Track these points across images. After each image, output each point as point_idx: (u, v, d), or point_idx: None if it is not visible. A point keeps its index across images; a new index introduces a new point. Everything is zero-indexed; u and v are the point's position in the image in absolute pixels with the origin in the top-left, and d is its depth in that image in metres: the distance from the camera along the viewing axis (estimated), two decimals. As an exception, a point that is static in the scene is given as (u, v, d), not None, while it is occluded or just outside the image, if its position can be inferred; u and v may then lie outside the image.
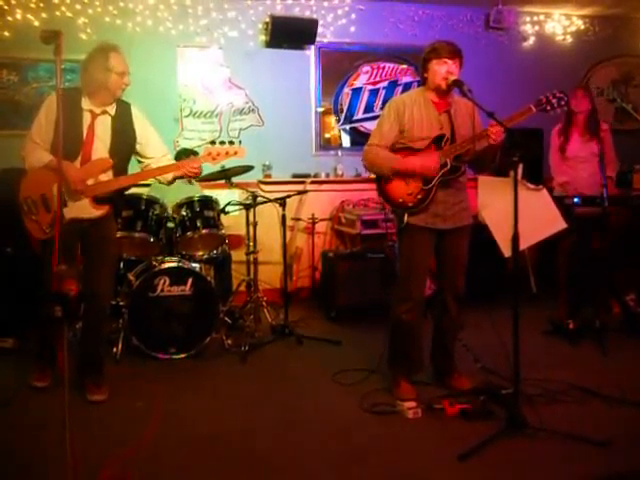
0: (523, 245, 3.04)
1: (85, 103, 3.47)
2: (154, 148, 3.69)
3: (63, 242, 3.40)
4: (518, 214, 2.99)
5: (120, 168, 3.51)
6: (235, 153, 3.55)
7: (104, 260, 3.60)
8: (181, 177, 3.65)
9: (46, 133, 3.43)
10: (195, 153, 4.86)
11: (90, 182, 3.40)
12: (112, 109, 3.53)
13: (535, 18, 6.87)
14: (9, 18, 5.49)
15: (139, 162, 3.74)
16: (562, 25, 6.93)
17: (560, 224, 3.29)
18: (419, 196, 3.41)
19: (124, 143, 3.56)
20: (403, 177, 3.42)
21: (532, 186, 3.27)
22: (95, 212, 3.45)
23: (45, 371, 3.70)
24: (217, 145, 3.52)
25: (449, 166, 3.40)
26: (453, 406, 3.30)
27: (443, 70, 3.37)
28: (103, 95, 3.48)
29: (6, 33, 5.49)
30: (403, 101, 3.54)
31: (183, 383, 3.86)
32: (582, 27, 6.98)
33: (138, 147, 3.65)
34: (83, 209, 3.41)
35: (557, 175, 4.98)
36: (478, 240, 3.64)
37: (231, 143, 3.58)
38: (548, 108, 3.33)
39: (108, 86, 3.44)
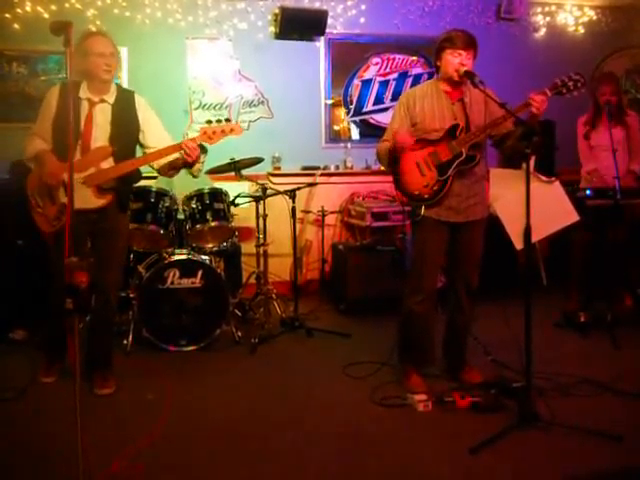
0: (535, 238, 3.02)
1: (83, 92, 3.43)
2: (156, 137, 3.60)
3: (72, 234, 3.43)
4: (530, 206, 2.96)
5: (122, 156, 3.44)
6: (231, 130, 3.43)
7: (112, 253, 3.57)
8: (179, 167, 3.60)
9: (46, 125, 3.43)
10: (204, 147, 4.85)
11: (91, 171, 3.36)
12: (111, 97, 3.48)
13: (547, 9, 6.81)
14: (19, 10, 5.48)
15: (144, 153, 3.69)
16: (574, 16, 6.87)
17: (573, 217, 3.28)
18: (435, 187, 3.38)
19: (125, 131, 3.50)
20: (419, 168, 3.40)
21: (545, 178, 3.24)
22: (98, 202, 3.39)
23: (53, 366, 3.71)
24: (213, 124, 3.41)
25: (464, 156, 3.36)
26: (464, 399, 3.29)
27: (456, 61, 3.34)
28: (92, 82, 3.42)
29: (16, 25, 5.49)
30: (413, 94, 3.52)
31: (193, 375, 3.86)
32: (594, 18, 6.91)
33: (141, 136, 3.60)
34: (86, 199, 3.32)
35: (585, 163, 4.96)
36: (489, 232, 3.62)
37: (227, 121, 3.46)
38: (564, 91, 3.24)
39: (90, 69, 3.37)
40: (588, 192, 4.56)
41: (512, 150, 3.40)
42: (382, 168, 3.68)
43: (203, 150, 4.82)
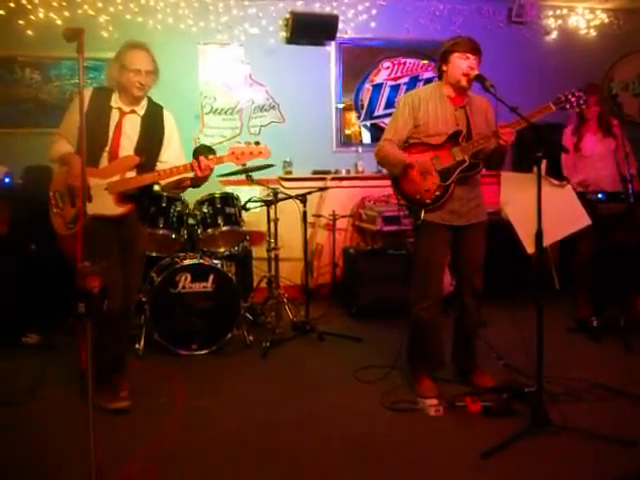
0: (547, 242, 3.01)
1: (114, 101, 3.44)
2: (172, 154, 3.57)
3: (94, 239, 3.42)
4: (541, 210, 2.96)
5: (146, 168, 3.44)
6: (260, 153, 3.44)
7: (132, 260, 3.56)
8: (185, 187, 3.59)
9: (72, 128, 3.36)
10: (213, 151, 4.87)
11: (115, 178, 3.37)
12: (141, 109, 3.49)
13: (558, 12, 6.79)
14: (32, 17, 5.55)
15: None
16: (586, 19, 6.84)
17: (584, 221, 3.26)
18: (437, 192, 3.39)
19: (151, 144, 3.50)
20: (421, 173, 3.39)
21: (556, 182, 3.23)
22: (117, 210, 3.39)
23: (119, 388, 3.54)
24: (242, 144, 3.42)
25: (467, 163, 3.37)
26: (475, 404, 3.28)
27: (465, 65, 3.34)
28: (124, 93, 3.44)
29: (29, 32, 5.55)
30: (418, 96, 3.51)
31: (205, 379, 3.87)
32: (606, 21, 6.87)
33: (162, 150, 3.58)
34: (106, 206, 3.35)
35: (572, 175, 4.92)
36: (499, 237, 3.61)
37: (257, 144, 3.48)
38: (567, 106, 3.31)
39: (122, 83, 3.38)
40: (600, 196, 4.55)
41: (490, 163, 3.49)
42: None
43: (211, 151, 4.83)
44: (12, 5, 5.50)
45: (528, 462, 2.81)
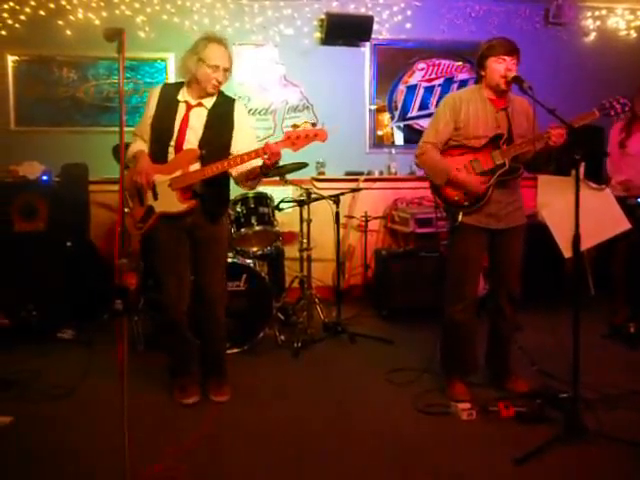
0: (585, 246, 2.97)
1: (182, 95, 3.38)
2: (243, 144, 3.39)
3: (156, 244, 3.43)
4: (579, 214, 2.91)
5: (212, 160, 3.26)
6: (316, 135, 3.16)
7: (212, 262, 3.52)
8: (257, 176, 3.39)
9: (145, 126, 3.40)
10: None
11: (177, 174, 3.28)
12: (209, 102, 3.39)
13: (597, 13, 6.66)
14: (71, 17, 5.64)
15: None
16: (625, 20, 6.70)
17: (624, 225, 3.20)
18: (476, 195, 3.36)
19: (218, 136, 3.37)
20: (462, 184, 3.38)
21: (595, 185, 3.18)
22: (181, 206, 3.29)
23: (191, 385, 3.60)
24: (299, 128, 3.15)
25: (507, 167, 3.34)
26: (508, 409, 3.24)
27: (502, 68, 3.31)
28: (196, 87, 3.35)
29: (68, 32, 5.65)
30: (460, 97, 3.48)
31: (236, 378, 3.88)
32: (647, 21, 6.75)
33: (232, 143, 3.44)
34: (171, 203, 3.28)
35: (615, 173, 4.85)
36: (535, 240, 3.57)
37: (313, 125, 3.25)
38: (612, 113, 3.25)
39: (197, 77, 3.30)
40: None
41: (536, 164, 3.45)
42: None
43: None
44: (52, 6, 5.60)
45: (561, 470, 2.77)
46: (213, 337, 3.64)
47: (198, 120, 3.35)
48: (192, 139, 3.32)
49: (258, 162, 3.26)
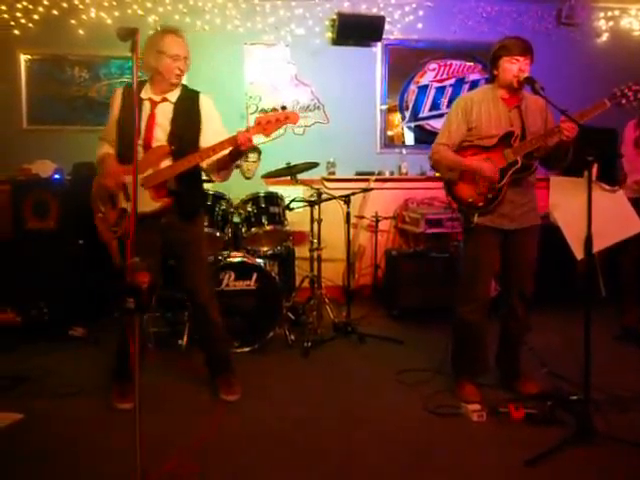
0: (597, 247, 2.95)
1: (145, 93, 3.33)
2: (211, 135, 3.34)
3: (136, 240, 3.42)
4: (592, 215, 2.90)
5: (182, 156, 3.24)
6: (286, 118, 3.16)
7: (192, 265, 3.47)
8: (228, 164, 3.37)
9: (110, 129, 3.38)
10: (258, 150, 4.90)
11: (149, 172, 3.24)
12: (173, 96, 3.34)
13: (610, 13, 6.63)
14: (84, 17, 5.67)
15: None
16: (639, 20, 6.67)
17: (637, 227, 3.18)
18: (489, 195, 3.35)
19: (185, 130, 3.33)
20: (472, 176, 3.37)
21: (607, 187, 3.16)
22: (155, 204, 3.24)
23: (127, 389, 3.37)
24: (268, 113, 3.15)
25: (519, 164, 3.33)
26: (519, 410, 3.23)
27: (514, 68, 3.29)
28: (159, 81, 3.30)
29: (80, 31, 5.68)
30: (471, 98, 3.47)
31: (246, 377, 3.88)
32: (661, 22, 6.71)
33: (201, 136, 3.39)
34: (144, 202, 3.14)
35: (632, 172, 4.77)
36: (545, 241, 3.55)
37: (283, 108, 3.24)
38: (623, 101, 3.19)
39: (160, 70, 3.25)
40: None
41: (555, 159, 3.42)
42: (437, 174, 3.65)
43: (256, 149, 4.86)
44: (65, 5, 5.63)
45: (571, 472, 2.76)
46: (212, 338, 3.64)
47: (164, 116, 3.31)
48: (160, 136, 3.28)
49: (226, 151, 3.25)
